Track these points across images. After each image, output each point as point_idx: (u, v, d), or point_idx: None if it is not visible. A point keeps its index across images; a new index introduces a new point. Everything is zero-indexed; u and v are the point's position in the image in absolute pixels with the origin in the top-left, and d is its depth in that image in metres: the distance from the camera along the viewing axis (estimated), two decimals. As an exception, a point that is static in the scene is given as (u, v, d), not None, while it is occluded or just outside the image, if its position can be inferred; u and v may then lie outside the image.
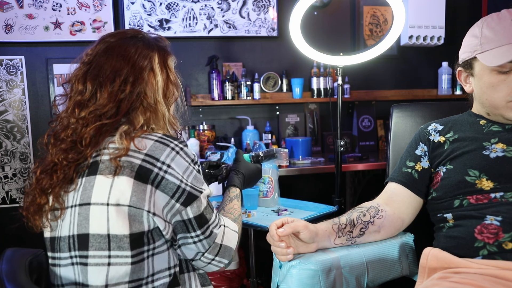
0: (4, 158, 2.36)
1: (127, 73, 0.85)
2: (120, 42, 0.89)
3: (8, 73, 2.33)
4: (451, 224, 1.00)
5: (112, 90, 0.83)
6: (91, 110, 0.83)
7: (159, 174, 0.78)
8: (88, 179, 0.80)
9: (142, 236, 0.79)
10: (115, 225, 0.77)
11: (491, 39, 0.98)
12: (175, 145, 0.82)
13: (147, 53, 0.89)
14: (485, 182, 0.96)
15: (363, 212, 1.05)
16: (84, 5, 2.36)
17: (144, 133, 0.83)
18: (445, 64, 2.72)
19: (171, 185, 0.79)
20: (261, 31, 2.56)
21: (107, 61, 0.86)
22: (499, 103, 0.99)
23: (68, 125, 0.84)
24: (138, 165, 0.78)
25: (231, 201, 1.06)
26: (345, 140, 1.70)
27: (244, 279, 2.15)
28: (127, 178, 0.77)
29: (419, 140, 1.15)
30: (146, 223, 0.79)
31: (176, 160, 0.80)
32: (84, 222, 0.78)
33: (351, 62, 1.66)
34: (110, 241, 0.77)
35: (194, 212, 0.82)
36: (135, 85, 0.85)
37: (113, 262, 0.77)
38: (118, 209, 0.77)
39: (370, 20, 2.72)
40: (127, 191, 0.77)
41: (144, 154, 0.79)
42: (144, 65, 0.87)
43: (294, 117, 2.63)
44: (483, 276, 0.84)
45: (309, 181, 2.56)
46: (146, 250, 0.80)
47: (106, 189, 0.77)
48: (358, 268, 0.99)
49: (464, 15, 2.81)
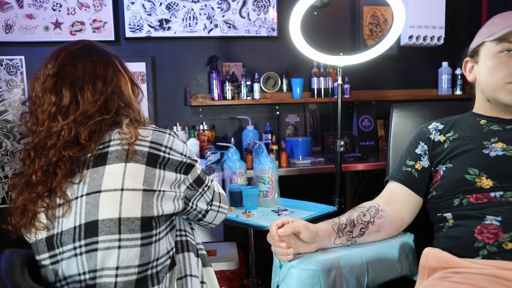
0: (4, 158, 2.36)
1: (104, 75, 0.92)
2: (79, 50, 0.94)
3: (8, 73, 2.33)
4: (451, 224, 1.00)
5: (95, 92, 0.89)
6: (80, 112, 0.87)
7: (165, 157, 0.90)
8: (96, 170, 0.85)
9: (151, 220, 0.86)
10: (128, 208, 0.83)
11: (500, 23, 1.01)
12: (169, 132, 0.95)
13: (109, 56, 0.97)
14: (485, 180, 0.96)
15: (363, 212, 1.05)
16: (84, 5, 2.36)
17: (140, 125, 0.92)
18: (445, 64, 2.72)
19: (175, 162, 0.93)
20: (261, 31, 2.56)
21: (77, 68, 0.91)
22: (498, 84, 1.01)
23: (51, 135, 0.86)
24: (147, 152, 0.88)
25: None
26: (345, 140, 1.70)
27: (244, 279, 2.15)
28: (139, 165, 0.86)
29: (420, 139, 1.15)
30: (156, 209, 0.87)
31: (175, 143, 0.93)
32: (93, 209, 0.82)
33: (351, 62, 1.66)
34: (120, 225, 0.82)
35: (193, 176, 0.98)
36: (114, 85, 0.93)
37: (123, 245, 0.82)
38: (134, 193, 0.84)
39: (370, 20, 2.72)
40: (140, 176, 0.85)
41: (150, 142, 0.89)
42: (113, 66, 0.96)
43: (294, 117, 2.63)
44: (483, 276, 0.84)
45: (309, 181, 2.56)
46: (154, 234, 0.87)
47: (119, 176, 0.84)
48: (358, 268, 0.99)
49: (464, 15, 2.81)
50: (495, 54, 1.01)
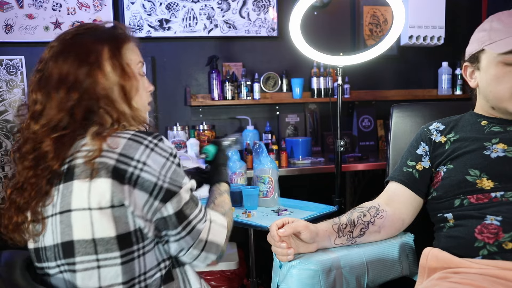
0: (4, 158, 2.36)
1: (72, 79, 0.80)
2: (64, 44, 0.84)
3: (8, 73, 2.33)
4: (452, 224, 1.00)
5: (59, 100, 0.79)
6: (43, 123, 0.79)
7: (134, 173, 0.75)
8: (66, 186, 0.77)
9: (129, 236, 0.77)
10: (100, 229, 0.75)
11: (500, 30, 0.99)
12: (149, 141, 0.78)
13: (92, 49, 0.83)
14: (486, 181, 0.96)
15: (364, 212, 1.05)
16: (84, 5, 2.36)
17: (116, 132, 0.79)
18: (445, 64, 2.72)
19: (148, 183, 0.76)
20: (261, 31, 2.56)
21: (54, 67, 0.82)
22: (503, 95, 1.00)
23: (27, 140, 0.81)
24: (113, 165, 0.74)
25: (221, 195, 1.05)
26: (345, 140, 1.71)
27: (244, 279, 2.15)
28: (105, 179, 0.74)
29: (421, 139, 1.15)
30: (132, 223, 0.77)
31: (152, 157, 0.77)
32: (67, 229, 0.76)
33: (351, 62, 1.66)
34: (96, 245, 0.75)
35: (174, 208, 0.79)
36: (83, 90, 0.80)
37: (102, 264, 0.76)
38: (102, 212, 0.74)
39: (370, 20, 2.72)
40: (106, 192, 0.74)
41: (118, 154, 0.75)
42: (91, 63, 0.81)
43: (294, 117, 2.63)
44: (483, 276, 0.84)
45: (309, 181, 2.56)
46: (136, 250, 0.78)
47: (85, 194, 0.75)
48: (358, 268, 0.99)
49: (464, 15, 2.81)
50: (497, 63, 0.99)
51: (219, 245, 0.88)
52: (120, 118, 0.83)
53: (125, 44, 0.88)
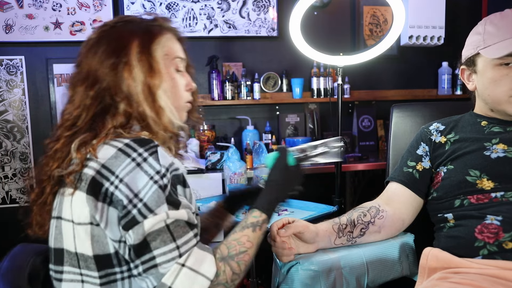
0: (4, 158, 2.36)
1: (95, 73, 0.75)
2: (98, 36, 0.78)
3: (8, 73, 2.33)
4: (452, 224, 1.00)
5: (80, 95, 0.74)
6: (64, 119, 0.76)
7: (108, 189, 0.66)
8: (63, 191, 0.73)
9: (109, 258, 0.70)
10: (80, 244, 0.70)
11: (494, 34, 0.99)
12: (138, 154, 0.68)
13: (121, 43, 0.76)
14: (486, 182, 0.96)
15: (364, 212, 1.05)
16: (84, 5, 2.36)
17: (113, 139, 0.70)
18: (445, 64, 2.72)
19: (120, 203, 0.66)
20: (261, 31, 2.56)
21: (85, 61, 0.77)
22: (501, 98, 1.00)
23: (53, 136, 0.78)
24: (91, 177, 0.67)
25: (243, 229, 0.79)
26: (345, 140, 1.70)
27: (244, 279, 2.15)
28: (82, 193, 0.68)
29: (421, 140, 1.15)
30: (111, 244, 0.70)
31: (133, 174, 0.67)
32: (59, 236, 0.73)
33: (351, 62, 1.66)
34: (79, 260, 0.71)
35: (134, 239, 0.66)
36: (102, 86, 0.74)
37: (85, 280, 0.71)
38: (81, 227, 0.69)
39: (370, 20, 2.72)
40: (85, 207, 0.68)
41: (101, 165, 0.67)
42: (115, 60, 0.75)
43: (294, 117, 2.63)
44: (483, 276, 0.84)
45: (309, 181, 2.55)
46: (118, 272, 0.71)
47: (68, 205, 0.71)
48: (358, 269, 0.99)
49: (464, 15, 2.81)
50: (493, 66, 0.99)
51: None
52: (138, 120, 0.76)
53: (158, 38, 0.79)
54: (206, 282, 0.68)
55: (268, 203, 0.83)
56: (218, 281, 0.70)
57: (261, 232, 0.79)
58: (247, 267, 0.75)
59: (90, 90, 0.74)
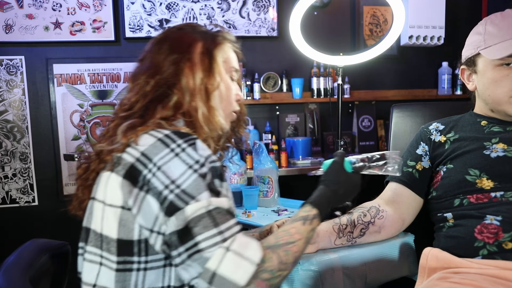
0: (4, 158, 2.36)
1: (158, 65, 0.80)
2: (164, 35, 0.87)
3: (8, 73, 2.33)
4: (451, 223, 1.00)
5: (141, 84, 0.80)
6: (120, 106, 0.81)
7: (146, 176, 0.68)
8: (100, 174, 0.76)
9: (131, 245, 0.71)
10: (107, 226, 0.72)
11: (494, 34, 0.98)
12: (177, 145, 0.70)
13: (186, 41, 0.83)
14: (486, 181, 0.96)
15: (364, 213, 1.05)
16: (84, 5, 2.36)
17: (154, 129, 0.73)
18: (445, 64, 2.72)
19: (156, 190, 0.67)
20: (261, 31, 2.56)
21: (149, 56, 0.84)
22: (501, 99, 1.00)
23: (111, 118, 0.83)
24: (131, 164, 0.70)
25: (292, 222, 0.78)
26: (345, 140, 1.70)
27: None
28: (117, 177, 0.71)
29: (420, 139, 1.15)
30: (137, 232, 0.70)
31: (172, 162, 0.68)
32: (90, 216, 0.76)
33: (351, 62, 1.66)
34: (102, 241, 0.73)
35: (175, 225, 0.66)
36: (163, 77, 0.79)
37: (104, 262, 0.73)
38: (112, 210, 0.71)
39: (370, 20, 2.72)
40: (118, 191, 0.70)
41: (140, 153, 0.70)
42: (179, 55, 0.81)
43: (294, 117, 2.63)
44: (483, 276, 0.84)
45: (309, 181, 2.55)
46: (136, 262, 0.71)
47: (103, 187, 0.73)
48: (358, 269, 0.99)
49: (464, 15, 2.81)
50: (493, 67, 0.99)
51: (236, 284, 0.65)
52: (185, 115, 0.79)
53: (220, 45, 0.85)
54: (252, 267, 0.66)
55: (319, 199, 0.83)
56: (264, 268, 0.68)
57: (311, 227, 0.78)
58: (295, 259, 0.73)
59: (151, 79, 0.79)
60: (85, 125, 2.42)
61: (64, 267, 0.88)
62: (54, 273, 0.84)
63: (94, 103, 2.42)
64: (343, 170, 0.87)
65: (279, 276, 0.70)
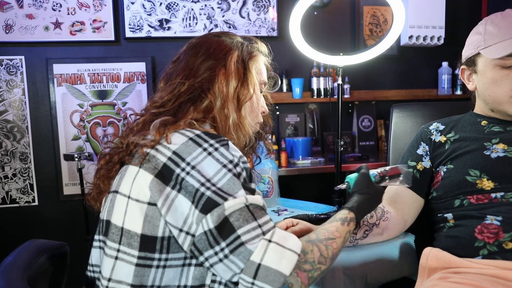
0: (4, 158, 2.36)
1: (194, 69, 0.84)
2: (201, 39, 0.90)
3: (8, 73, 2.33)
4: (452, 224, 1.00)
5: (174, 85, 0.83)
6: (151, 103, 0.83)
7: (179, 175, 0.69)
8: (126, 167, 0.77)
9: (155, 241, 0.71)
10: (130, 220, 0.72)
11: (494, 34, 0.99)
12: (209, 145, 0.71)
13: (223, 49, 0.86)
14: (486, 182, 0.96)
15: (371, 213, 1.05)
16: (84, 5, 2.36)
17: (185, 128, 0.75)
18: (445, 64, 2.72)
19: (190, 188, 0.68)
20: (261, 31, 2.56)
21: (184, 58, 0.87)
22: (502, 99, 1.00)
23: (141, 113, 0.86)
24: (163, 163, 0.70)
25: (331, 222, 0.81)
26: (345, 140, 1.70)
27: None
28: (148, 174, 0.71)
29: (421, 139, 1.15)
30: (162, 229, 0.71)
31: (206, 161, 0.69)
32: (111, 209, 0.77)
33: (351, 62, 1.66)
34: (122, 235, 0.73)
35: (214, 221, 0.66)
36: (197, 81, 0.82)
37: (120, 257, 0.73)
38: (137, 205, 0.72)
39: (370, 20, 2.72)
40: (146, 187, 0.71)
41: (172, 152, 0.71)
42: (215, 61, 0.84)
43: (294, 117, 2.63)
44: (483, 276, 0.84)
45: (309, 181, 2.55)
46: (157, 259, 0.72)
47: (130, 181, 0.73)
48: (358, 269, 0.99)
49: (464, 15, 2.81)
50: (493, 67, 0.99)
51: (280, 274, 0.65)
52: (214, 120, 0.82)
53: (255, 58, 0.89)
54: (295, 257, 0.68)
55: (355, 204, 0.85)
56: (306, 259, 0.70)
57: (348, 228, 0.80)
58: (334, 255, 0.74)
59: (186, 81, 0.82)
60: (85, 125, 2.42)
61: (63, 267, 0.88)
62: (52, 274, 0.84)
63: (94, 103, 2.42)
64: (371, 181, 0.91)
65: (318, 269, 0.71)
